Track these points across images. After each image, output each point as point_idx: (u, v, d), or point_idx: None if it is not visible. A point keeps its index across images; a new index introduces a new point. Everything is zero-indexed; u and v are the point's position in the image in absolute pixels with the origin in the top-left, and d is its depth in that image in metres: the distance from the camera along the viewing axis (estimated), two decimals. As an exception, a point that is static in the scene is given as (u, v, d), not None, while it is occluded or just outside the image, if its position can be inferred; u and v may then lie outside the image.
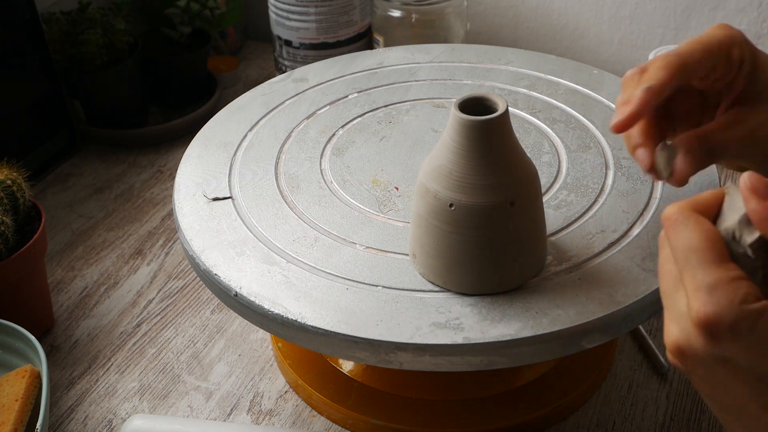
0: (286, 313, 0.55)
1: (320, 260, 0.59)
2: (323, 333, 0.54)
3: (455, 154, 0.53)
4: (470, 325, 0.54)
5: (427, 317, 0.54)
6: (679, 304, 0.41)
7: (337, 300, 0.56)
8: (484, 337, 0.53)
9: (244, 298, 0.57)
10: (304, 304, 0.56)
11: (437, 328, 0.54)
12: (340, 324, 0.54)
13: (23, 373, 0.66)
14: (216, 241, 0.61)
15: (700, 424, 0.67)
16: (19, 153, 0.88)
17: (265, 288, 0.57)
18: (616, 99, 0.53)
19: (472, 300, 0.56)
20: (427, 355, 0.53)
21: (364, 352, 0.54)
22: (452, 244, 0.55)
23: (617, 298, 0.55)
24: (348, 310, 0.55)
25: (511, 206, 0.53)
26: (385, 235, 0.61)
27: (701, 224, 0.41)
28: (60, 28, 0.96)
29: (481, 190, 0.53)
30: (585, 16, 1.11)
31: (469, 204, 0.53)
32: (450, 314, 0.55)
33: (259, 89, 0.79)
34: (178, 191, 0.67)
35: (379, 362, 0.54)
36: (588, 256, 0.58)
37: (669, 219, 0.42)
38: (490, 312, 0.55)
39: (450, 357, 0.53)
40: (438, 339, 0.53)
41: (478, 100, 0.54)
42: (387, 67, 0.82)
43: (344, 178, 0.67)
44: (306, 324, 0.55)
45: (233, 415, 0.69)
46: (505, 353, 0.53)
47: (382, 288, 0.57)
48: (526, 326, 0.53)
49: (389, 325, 0.54)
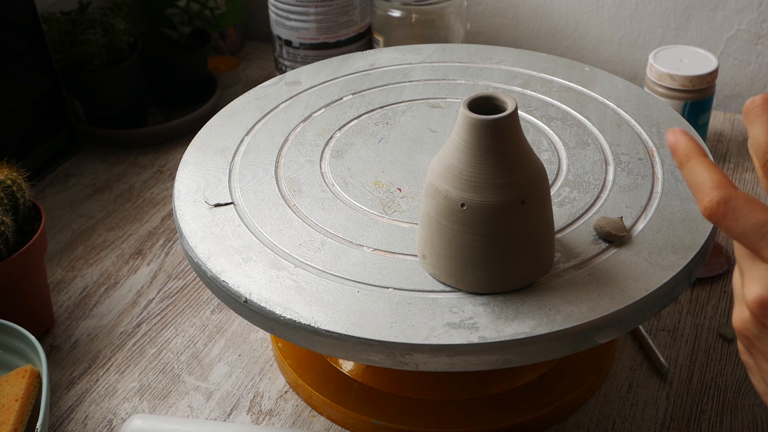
0: (299, 318, 0.55)
1: (329, 264, 0.59)
2: (337, 337, 0.54)
3: (465, 153, 0.53)
4: (485, 324, 0.54)
5: (441, 318, 0.54)
6: (738, 290, 0.43)
7: (348, 303, 0.56)
8: (499, 335, 0.53)
9: (255, 304, 0.57)
10: (315, 309, 0.56)
11: (452, 328, 0.54)
12: (354, 327, 0.54)
13: (23, 373, 0.66)
14: (221, 248, 0.61)
15: (700, 424, 0.67)
16: (19, 153, 0.88)
17: (275, 293, 0.57)
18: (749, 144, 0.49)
19: (485, 299, 0.56)
20: (443, 356, 0.53)
21: (380, 355, 0.54)
22: (464, 244, 0.55)
23: (628, 293, 0.55)
24: (360, 313, 0.55)
25: (522, 204, 0.54)
26: (392, 237, 0.61)
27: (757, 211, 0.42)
28: (60, 28, 0.96)
29: (492, 189, 0.53)
30: (585, 16, 1.11)
31: (481, 203, 0.53)
32: (464, 314, 0.55)
33: (252, 93, 0.79)
34: (179, 198, 0.66)
35: (395, 364, 0.54)
36: (595, 252, 0.59)
37: (729, 200, 0.42)
38: (503, 311, 0.55)
39: (466, 357, 0.53)
40: (453, 339, 0.53)
41: (486, 99, 0.54)
42: (379, 68, 0.82)
43: (346, 181, 0.67)
44: (319, 328, 0.54)
45: (233, 415, 0.69)
46: (521, 351, 0.53)
47: (394, 290, 0.57)
48: (540, 324, 0.53)
49: (403, 327, 0.54)
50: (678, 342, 0.74)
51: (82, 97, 1.00)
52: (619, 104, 0.74)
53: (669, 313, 0.76)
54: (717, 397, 0.69)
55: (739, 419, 0.67)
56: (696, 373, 0.71)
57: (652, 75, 0.92)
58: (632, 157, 0.68)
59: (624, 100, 0.74)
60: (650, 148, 0.69)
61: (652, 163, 0.67)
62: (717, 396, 0.69)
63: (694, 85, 0.89)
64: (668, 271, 0.57)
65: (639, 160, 0.67)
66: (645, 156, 0.68)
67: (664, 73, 0.90)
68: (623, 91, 0.76)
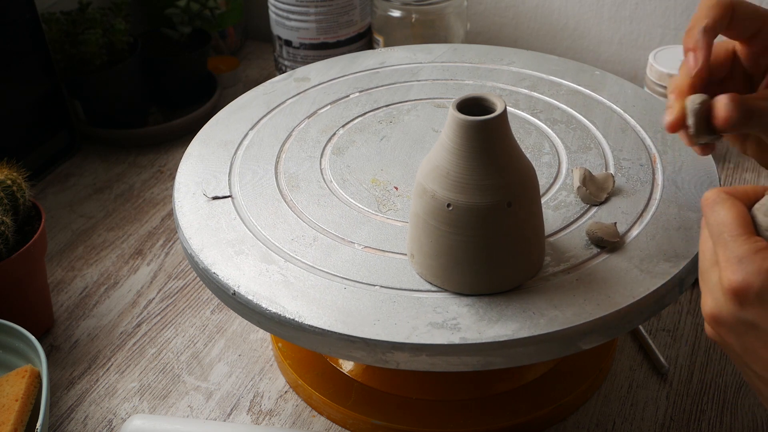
0: (284, 312, 0.55)
1: (318, 259, 0.59)
2: (320, 332, 0.54)
3: (453, 154, 0.53)
4: (467, 325, 0.54)
5: (425, 317, 0.54)
6: (713, 278, 0.45)
7: (334, 299, 0.56)
8: (480, 337, 0.53)
9: (242, 297, 0.57)
10: (301, 304, 0.56)
11: (434, 328, 0.54)
12: (337, 323, 0.54)
13: (23, 373, 0.66)
14: (215, 240, 0.62)
15: (700, 424, 0.67)
16: (19, 153, 0.88)
17: (263, 287, 0.57)
18: (683, 46, 0.56)
19: (470, 300, 0.56)
20: (423, 355, 0.53)
21: (361, 352, 0.54)
22: (450, 245, 0.55)
23: (615, 300, 0.55)
24: (345, 310, 0.55)
25: (508, 207, 0.53)
26: (384, 235, 0.61)
27: (735, 204, 0.46)
28: (60, 28, 0.96)
29: (478, 191, 0.53)
30: (585, 16, 1.11)
31: (467, 204, 0.53)
32: (447, 314, 0.55)
33: (261, 88, 0.79)
34: (179, 190, 0.67)
35: (376, 362, 0.54)
36: (586, 257, 0.58)
37: (707, 199, 0.47)
38: (487, 312, 0.55)
39: (446, 357, 0.53)
40: (435, 339, 0.53)
41: (476, 100, 0.54)
42: (389, 66, 0.82)
43: (344, 178, 0.67)
44: (303, 323, 0.55)
45: (233, 415, 0.69)
46: (502, 353, 0.53)
47: (380, 288, 0.57)
48: (523, 327, 0.53)
49: (386, 325, 0.54)
50: (678, 342, 0.74)
51: (82, 97, 1.00)
52: (625, 109, 0.74)
53: (669, 313, 0.76)
54: (717, 397, 0.69)
55: (739, 419, 0.67)
56: (696, 373, 0.71)
57: (652, 75, 0.92)
58: (633, 162, 0.67)
59: (631, 105, 0.74)
60: (653, 155, 0.68)
61: (653, 169, 0.67)
62: (717, 396, 0.69)
63: (694, 85, 0.89)
64: (658, 279, 0.56)
65: (640, 165, 0.67)
66: (647, 162, 0.67)
67: (664, 73, 0.90)
68: (631, 95, 0.76)
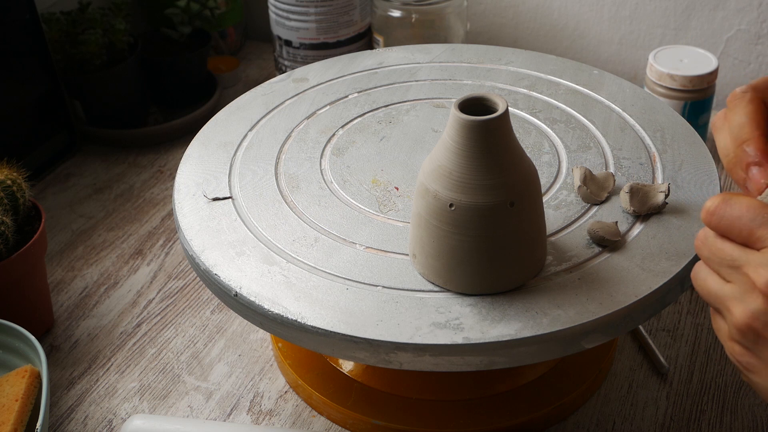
0: (286, 313, 0.55)
1: (320, 260, 0.59)
2: (323, 333, 0.54)
3: (455, 154, 0.53)
4: (470, 325, 0.54)
5: (427, 317, 0.54)
6: (734, 291, 0.44)
7: (336, 300, 0.56)
8: (483, 337, 0.53)
9: (244, 298, 0.57)
10: (303, 304, 0.56)
11: (437, 328, 0.54)
12: (340, 324, 0.54)
13: (23, 373, 0.66)
14: (216, 241, 0.61)
15: (700, 424, 0.67)
16: (19, 153, 0.88)
17: (265, 288, 0.57)
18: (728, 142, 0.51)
19: (472, 300, 0.56)
20: (426, 355, 0.53)
21: (364, 352, 0.54)
22: (452, 245, 0.55)
23: (617, 298, 0.55)
24: (348, 310, 0.55)
25: (510, 206, 0.53)
26: (385, 235, 0.61)
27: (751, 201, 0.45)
28: (60, 28, 0.96)
29: (481, 191, 0.53)
30: (585, 16, 1.11)
31: (469, 204, 0.53)
32: (450, 314, 0.55)
33: (260, 89, 0.79)
34: (179, 191, 0.67)
35: (379, 362, 0.54)
36: (588, 257, 0.58)
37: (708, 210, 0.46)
38: (490, 312, 0.55)
39: (450, 357, 0.53)
40: (438, 339, 0.53)
41: (478, 100, 0.54)
42: (387, 67, 0.82)
43: (344, 178, 0.67)
44: (306, 324, 0.55)
45: (233, 415, 0.69)
46: (505, 353, 0.53)
47: (382, 288, 0.57)
48: (526, 326, 0.53)
49: (389, 325, 0.54)
50: (678, 342, 0.74)
51: (82, 97, 1.00)
52: (624, 108, 0.74)
53: (669, 313, 0.76)
54: (717, 397, 0.69)
55: (739, 419, 0.67)
56: (696, 373, 0.71)
57: (652, 75, 0.92)
58: (633, 161, 0.67)
59: (630, 104, 0.74)
60: (652, 153, 0.68)
61: (653, 168, 0.67)
62: (717, 396, 0.69)
63: (694, 85, 0.89)
64: (660, 278, 0.56)
65: (640, 164, 0.67)
66: (646, 161, 0.67)
67: (664, 73, 0.90)
68: (630, 95, 0.76)
